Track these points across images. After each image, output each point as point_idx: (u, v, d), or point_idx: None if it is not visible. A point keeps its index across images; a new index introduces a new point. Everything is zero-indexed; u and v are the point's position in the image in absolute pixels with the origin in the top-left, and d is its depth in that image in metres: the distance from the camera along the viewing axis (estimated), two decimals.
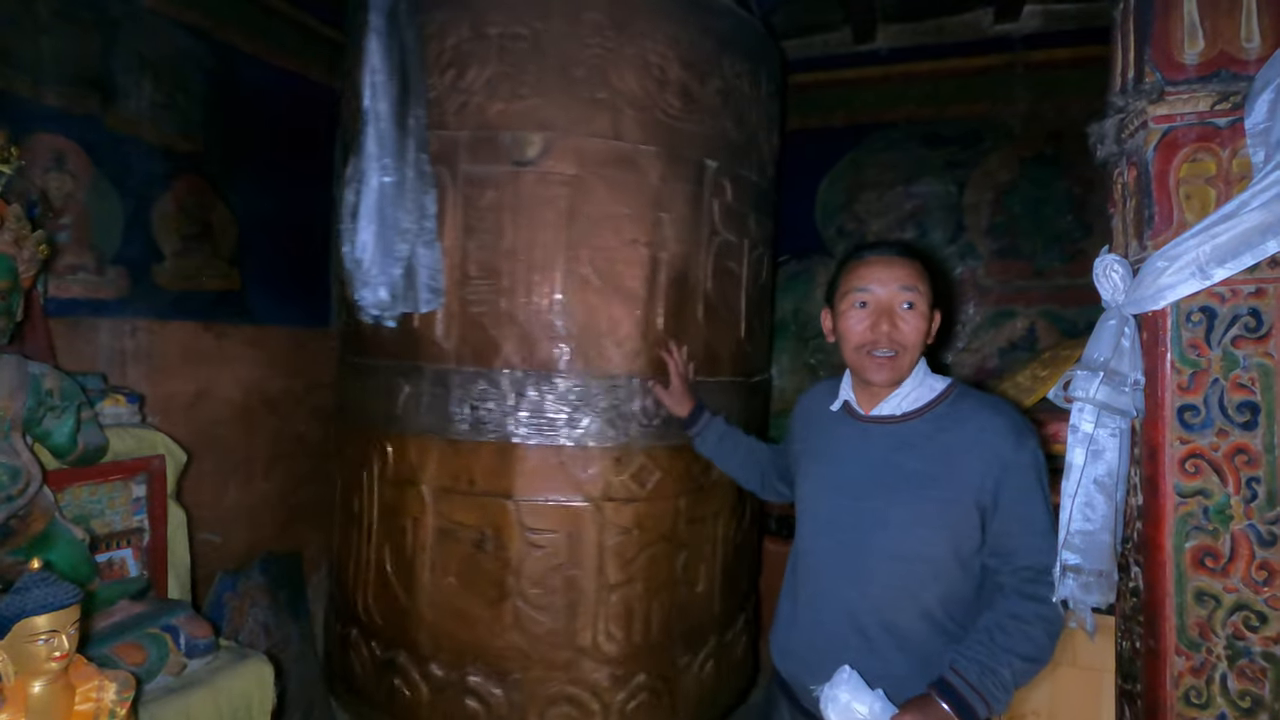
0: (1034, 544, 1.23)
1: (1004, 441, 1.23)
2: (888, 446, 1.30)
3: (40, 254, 1.51)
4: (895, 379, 1.31)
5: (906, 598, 1.25)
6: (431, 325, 1.81)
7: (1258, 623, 1.26)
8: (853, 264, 1.34)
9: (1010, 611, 1.19)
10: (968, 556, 1.25)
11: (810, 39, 3.26)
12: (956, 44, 3.08)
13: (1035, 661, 1.18)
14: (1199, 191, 1.29)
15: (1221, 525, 1.28)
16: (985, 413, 1.27)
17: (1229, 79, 1.27)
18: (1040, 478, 1.24)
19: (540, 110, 1.75)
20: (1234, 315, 1.27)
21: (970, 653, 1.16)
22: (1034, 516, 1.23)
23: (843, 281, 1.34)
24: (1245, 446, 1.27)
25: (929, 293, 1.31)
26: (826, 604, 1.31)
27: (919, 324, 1.28)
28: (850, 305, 1.31)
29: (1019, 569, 1.22)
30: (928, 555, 1.24)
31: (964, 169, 3.09)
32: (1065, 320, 2.95)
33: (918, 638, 1.24)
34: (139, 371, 2.23)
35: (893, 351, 1.28)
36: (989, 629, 1.18)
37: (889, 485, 1.27)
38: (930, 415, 1.30)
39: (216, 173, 2.48)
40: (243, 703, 1.59)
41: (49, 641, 1.07)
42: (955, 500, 1.23)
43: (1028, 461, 1.23)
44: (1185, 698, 1.29)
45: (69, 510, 1.62)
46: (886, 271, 1.29)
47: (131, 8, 2.20)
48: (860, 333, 1.30)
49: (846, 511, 1.30)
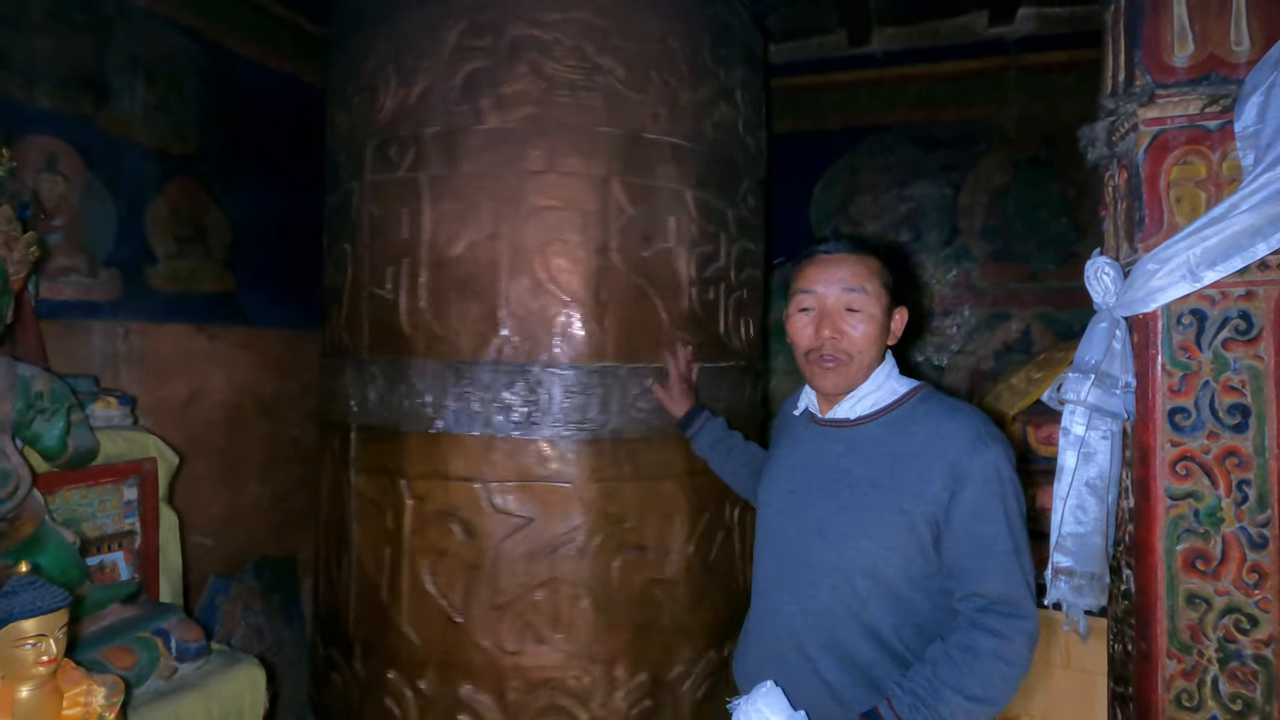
0: (989, 566, 1.08)
1: (957, 449, 1.10)
2: (837, 452, 1.21)
3: (31, 256, 1.50)
4: (846, 386, 1.22)
5: (847, 615, 1.14)
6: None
7: (1249, 625, 1.26)
8: (801, 263, 1.26)
9: (959, 642, 1.07)
10: (918, 576, 1.13)
11: (805, 42, 3.26)
12: (951, 47, 3.09)
13: (982, 702, 1.04)
14: (1189, 194, 1.30)
15: (1212, 528, 1.28)
16: (941, 418, 1.15)
17: (1219, 82, 1.28)
18: (1002, 491, 1.09)
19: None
20: (1224, 318, 1.28)
21: (908, 684, 1.07)
22: (991, 536, 1.08)
23: (791, 282, 1.27)
24: (1236, 449, 1.27)
25: (882, 291, 1.21)
26: (770, 619, 1.24)
27: (868, 327, 1.19)
28: (796, 308, 1.24)
29: (972, 595, 1.09)
30: (869, 568, 1.13)
31: (959, 172, 3.09)
32: (1060, 322, 2.95)
33: (863, 659, 1.13)
34: (132, 374, 2.22)
35: (838, 358, 1.19)
36: (934, 659, 1.07)
37: (832, 492, 1.19)
38: (885, 420, 1.20)
39: (210, 175, 2.47)
40: (234, 707, 1.58)
41: (36, 646, 1.07)
42: (899, 511, 1.12)
43: (985, 473, 1.09)
44: (1177, 700, 1.29)
45: (59, 513, 1.61)
46: (830, 271, 1.21)
47: (124, 9, 2.19)
48: (806, 338, 1.22)
49: (791, 518, 1.23)
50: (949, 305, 3.12)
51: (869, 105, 3.22)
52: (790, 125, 3.19)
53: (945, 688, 1.04)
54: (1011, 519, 1.09)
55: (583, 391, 1.76)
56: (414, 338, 1.80)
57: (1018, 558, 1.08)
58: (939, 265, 3.13)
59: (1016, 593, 1.07)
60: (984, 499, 1.09)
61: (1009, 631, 1.06)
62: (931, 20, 3.08)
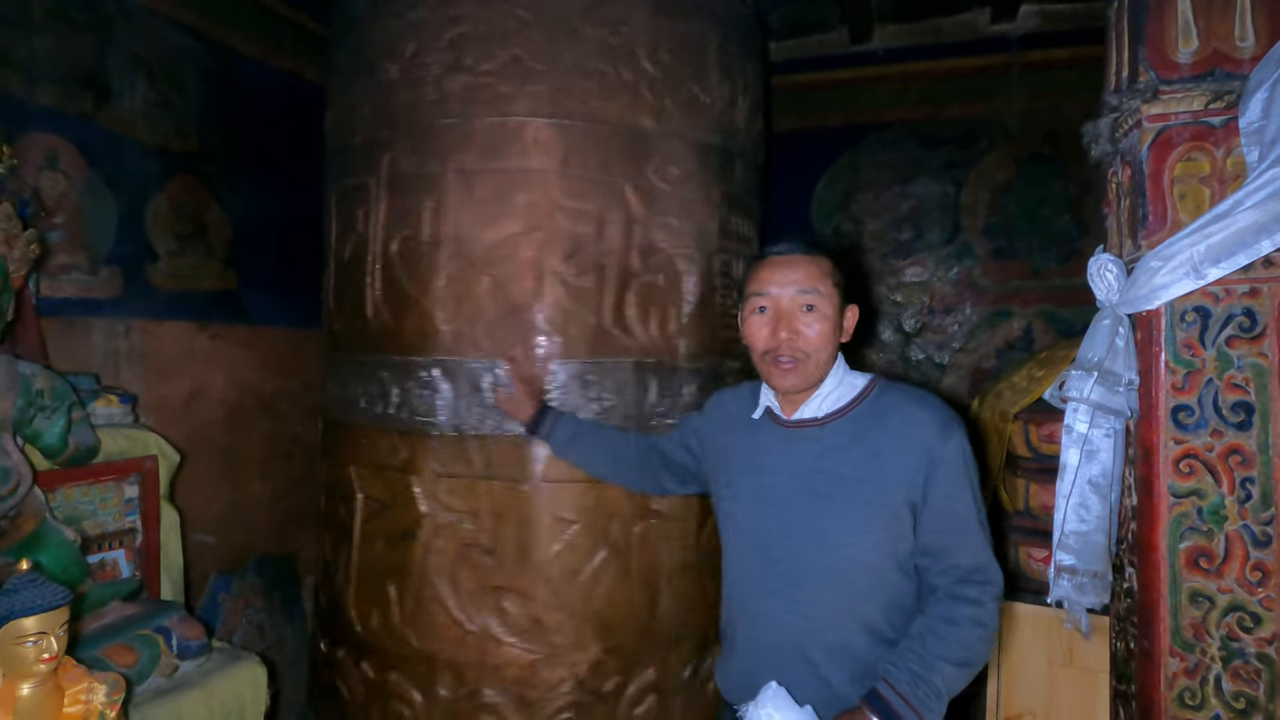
0: (963, 542, 1.17)
1: (931, 435, 1.17)
2: (814, 453, 1.23)
3: (31, 253, 1.50)
4: (805, 384, 1.24)
5: (847, 613, 1.18)
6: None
7: (1252, 624, 1.26)
8: (755, 265, 1.29)
9: (942, 615, 1.14)
10: (904, 559, 1.20)
11: (806, 39, 3.25)
12: (953, 44, 3.08)
13: (967, 665, 1.13)
14: (1193, 191, 1.29)
15: (1216, 526, 1.28)
16: (909, 406, 1.21)
17: (1223, 78, 1.27)
18: (968, 470, 1.18)
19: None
20: (1228, 315, 1.27)
21: (902, 661, 1.12)
22: (963, 513, 1.17)
23: (746, 284, 1.29)
24: (1240, 447, 1.27)
25: (834, 291, 1.24)
26: (763, 628, 1.24)
27: (823, 326, 1.22)
28: (752, 310, 1.26)
29: (949, 568, 1.17)
30: (865, 563, 1.18)
31: (961, 169, 3.08)
32: (1062, 320, 2.95)
33: (860, 652, 1.18)
34: (133, 372, 2.22)
35: (795, 358, 1.22)
36: (921, 634, 1.14)
37: (819, 494, 1.20)
38: (853, 414, 1.24)
39: (211, 172, 2.47)
40: (235, 704, 1.58)
41: (38, 643, 1.07)
42: (888, 502, 1.17)
43: (955, 455, 1.17)
44: (1179, 699, 1.29)
45: (60, 511, 1.61)
46: (784, 273, 1.23)
47: (125, 7, 2.19)
48: (763, 339, 1.24)
49: (775, 525, 1.23)
50: (950, 303, 3.12)
51: (871, 103, 3.21)
52: (792, 123, 3.18)
53: (937, 659, 1.11)
54: (976, 495, 1.19)
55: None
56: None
57: (984, 530, 1.19)
58: (941, 263, 3.12)
59: (987, 560, 1.18)
60: (955, 479, 1.17)
61: (984, 598, 1.16)
62: (933, 17, 3.08)
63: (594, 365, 1.75)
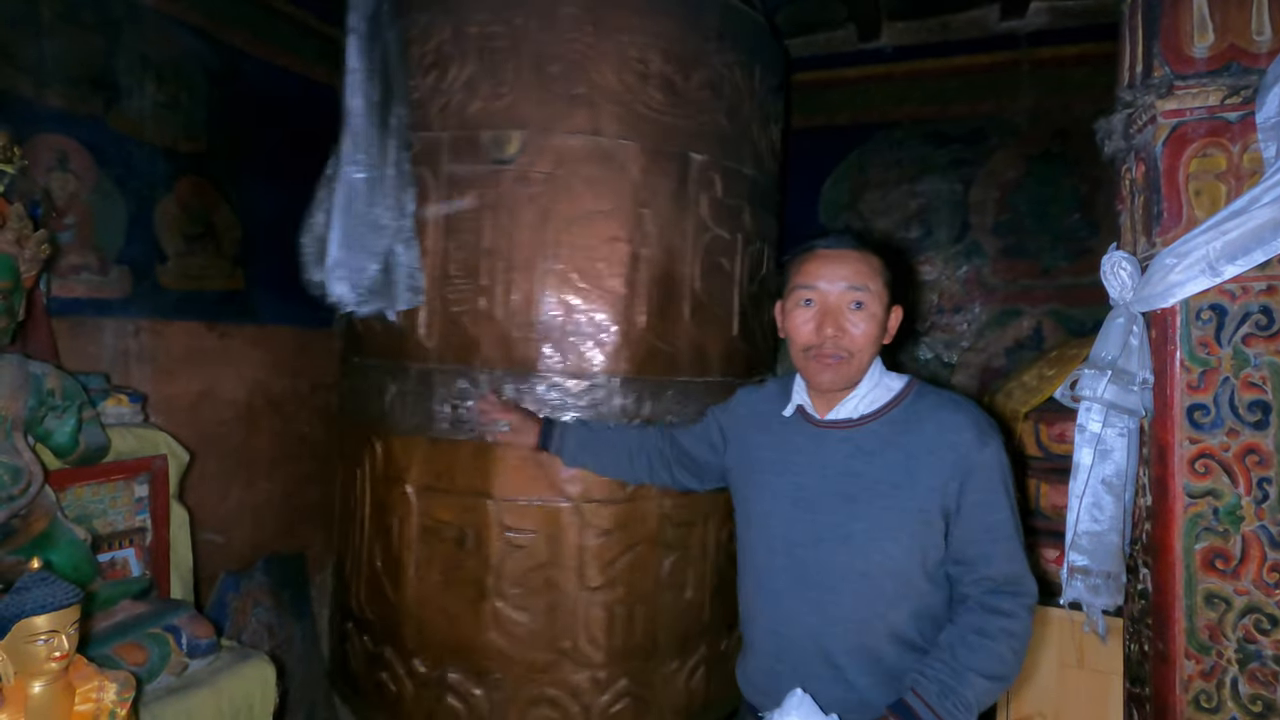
0: (997, 551, 1.13)
1: (966, 441, 1.14)
2: (845, 454, 1.19)
3: (42, 253, 1.51)
4: (845, 383, 1.21)
5: (874, 618, 1.16)
6: (415, 324, 1.81)
7: (1269, 626, 1.24)
8: (801, 257, 1.23)
9: (973, 625, 1.11)
10: (934, 568, 1.16)
11: (814, 37, 3.24)
12: (962, 41, 3.06)
13: (1000, 679, 1.11)
14: (1209, 187, 1.28)
15: (1232, 526, 1.26)
16: (945, 411, 1.18)
17: (1240, 72, 1.25)
18: (1004, 479, 1.15)
19: (518, 108, 1.74)
20: (1245, 313, 1.26)
21: (931, 671, 1.08)
22: (998, 522, 1.14)
23: (791, 275, 1.24)
24: (1256, 446, 1.25)
25: (884, 290, 1.20)
26: (788, 630, 1.22)
27: (869, 326, 1.18)
28: (796, 303, 1.21)
29: (982, 578, 1.14)
30: (894, 569, 1.15)
31: (969, 167, 3.07)
32: (1072, 319, 2.92)
33: (888, 660, 1.15)
34: (142, 371, 2.23)
35: (840, 356, 1.18)
36: (951, 645, 1.11)
37: (849, 496, 1.17)
38: (888, 418, 1.20)
39: (220, 173, 2.48)
40: (244, 703, 1.58)
41: (49, 642, 1.07)
42: (919, 508, 1.14)
43: (991, 462, 1.14)
44: (1195, 702, 1.28)
45: (71, 510, 1.62)
46: (834, 268, 1.18)
47: (134, 9, 2.20)
48: (806, 334, 1.20)
49: (803, 526, 1.20)
50: (959, 302, 3.10)
51: (878, 101, 3.19)
52: (799, 121, 3.17)
53: (967, 671, 1.08)
54: (1012, 504, 1.16)
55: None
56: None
57: (1018, 539, 1.15)
58: (949, 262, 3.11)
59: (1021, 571, 1.15)
60: (991, 487, 1.14)
61: (1017, 609, 1.12)
62: (942, 15, 3.06)
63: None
